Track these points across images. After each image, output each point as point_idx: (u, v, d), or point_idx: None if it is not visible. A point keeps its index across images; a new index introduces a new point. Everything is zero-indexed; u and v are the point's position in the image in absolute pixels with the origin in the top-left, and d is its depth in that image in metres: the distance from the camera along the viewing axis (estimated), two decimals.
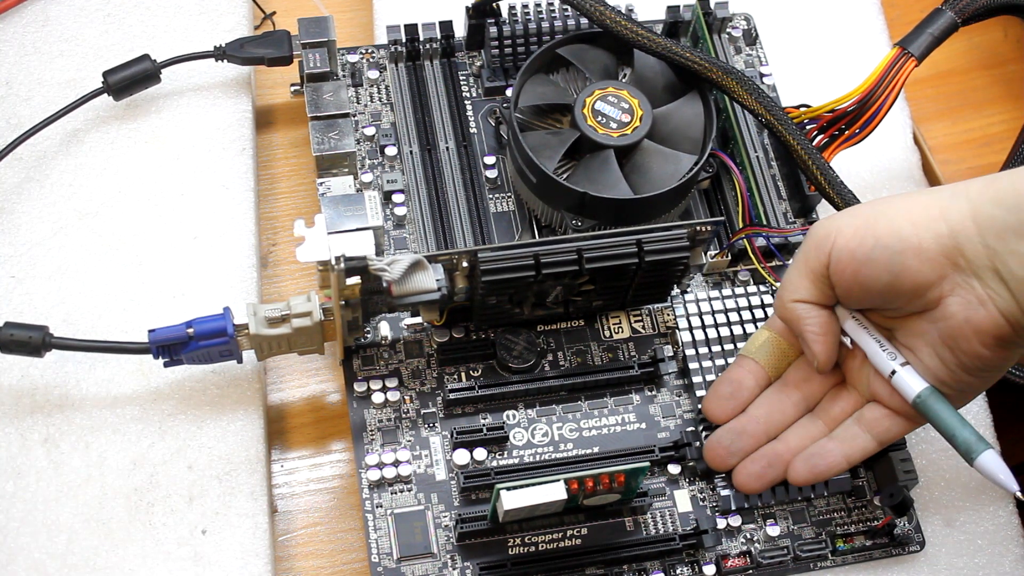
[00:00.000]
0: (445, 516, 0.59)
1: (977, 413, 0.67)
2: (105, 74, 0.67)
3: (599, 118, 0.64)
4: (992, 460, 0.54)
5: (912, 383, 0.55)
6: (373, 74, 0.71)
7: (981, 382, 0.56)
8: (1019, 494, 0.53)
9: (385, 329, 0.61)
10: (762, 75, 0.73)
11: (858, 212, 0.55)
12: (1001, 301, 0.52)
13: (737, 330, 0.64)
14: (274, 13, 0.76)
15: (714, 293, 0.65)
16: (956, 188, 0.53)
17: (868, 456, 0.58)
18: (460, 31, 0.72)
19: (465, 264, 0.58)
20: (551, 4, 0.70)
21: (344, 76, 0.71)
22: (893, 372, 0.55)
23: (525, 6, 0.70)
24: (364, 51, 0.72)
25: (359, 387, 0.62)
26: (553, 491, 0.55)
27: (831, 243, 0.54)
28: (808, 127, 0.67)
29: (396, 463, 0.60)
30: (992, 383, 0.57)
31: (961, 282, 0.52)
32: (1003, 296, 0.51)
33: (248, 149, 0.69)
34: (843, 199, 0.63)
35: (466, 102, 0.71)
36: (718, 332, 0.64)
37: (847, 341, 0.58)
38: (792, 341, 0.59)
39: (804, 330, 0.57)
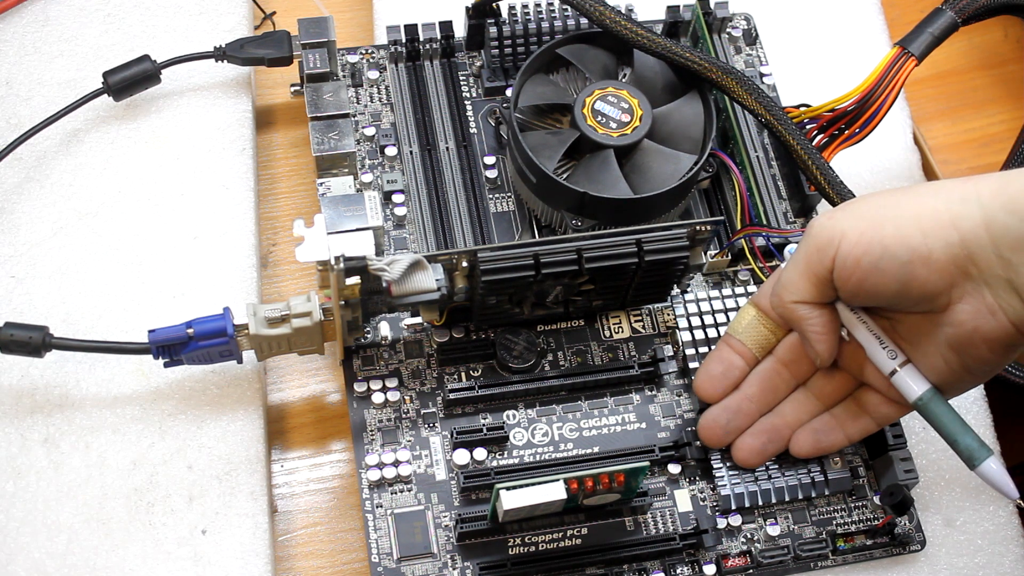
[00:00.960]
0: (445, 516, 0.59)
1: (977, 413, 0.67)
2: (105, 74, 0.67)
3: (599, 118, 0.64)
4: (994, 467, 0.54)
5: (913, 384, 0.55)
6: (373, 74, 0.71)
7: (980, 379, 0.56)
8: (1020, 502, 0.53)
9: (385, 329, 0.61)
10: (762, 75, 0.73)
11: (861, 213, 0.53)
12: (1012, 311, 0.51)
13: None
14: (274, 13, 0.77)
15: (714, 293, 0.65)
16: (966, 190, 0.51)
17: (867, 435, 0.59)
18: (460, 31, 0.72)
19: (465, 264, 0.58)
20: (551, 4, 0.70)
21: (344, 76, 0.71)
22: (893, 371, 0.55)
23: (525, 6, 0.70)
24: (364, 51, 0.72)
25: (359, 387, 0.62)
26: (553, 491, 0.55)
27: (834, 248, 0.53)
28: (808, 127, 0.67)
29: (396, 463, 0.60)
30: (989, 378, 0.57)
31: (971, 290, 0.51)
32: (1014, 306, 0.50)
33: (248, 149, 0.69)
34: (843, 199, 0.63)
35: (466, 102, 0.71)
36: (718, 332, 0.63)
37: (844, 334, 0.58)
38: (778, 321, 0.59)
39: (806, 330, 0.56)
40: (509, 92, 0.66)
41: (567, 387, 0.62)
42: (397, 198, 0.67)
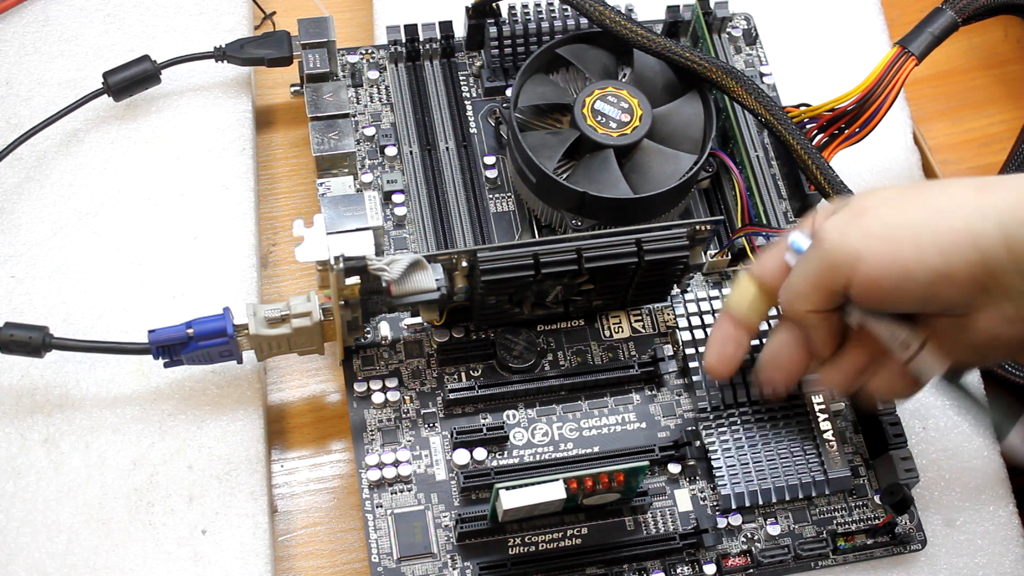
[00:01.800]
0: (445, 516, 0.59)
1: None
2: (105, 75, 0.67)
3: (599, 118, 0.64)
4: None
5: (932, 367, 0.54)
6: (373, 74, 0.71)
7: (996, 363, 0.56)
8: None
9: (385, 329, 0.61)
10: (762, 75, 0.73)
11: (874, 231, 0.51)
12: None
13: None
14: (274, 13, 0.77)
15: (714, 292, 0.65)
16: (982, 203, 0.49)
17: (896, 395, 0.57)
18: (460, 31, 0.72)
19: (465, 264, 0.58)
20: (551, 4, 0.70)
21: (344, 76, 0.71)
22: (910, 359, 0.54)
23: (525, 6, 0.70)
24: (364, 51, 0.72)
25: (359, 387, 0.62)
26: (552, 491, 0.55)
27: (850, 269, 0.51)
28: (808, 126, 0.67)
29: (396, 463, 0.60)
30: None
31: (991, 303, 0.50)
32: None
33: (248, 149, 0.69)
34: None
35: (466, 102, 0.71)
36: None
37: (853, 322, 0.56)
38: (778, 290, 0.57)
39: (815, 336, 0.56)
40: (509, 92, 0.66)
41: (567, 387, 0.62)
42: (397, 198, 0.67)
